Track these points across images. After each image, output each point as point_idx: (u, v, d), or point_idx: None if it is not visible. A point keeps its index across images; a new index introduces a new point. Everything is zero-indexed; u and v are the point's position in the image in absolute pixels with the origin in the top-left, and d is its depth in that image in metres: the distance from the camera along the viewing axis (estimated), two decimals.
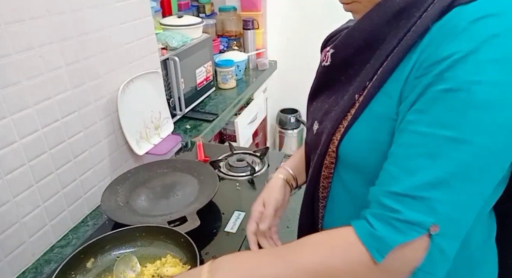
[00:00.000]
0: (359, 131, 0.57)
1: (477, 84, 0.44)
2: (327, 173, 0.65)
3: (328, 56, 0.64)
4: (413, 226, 0.46)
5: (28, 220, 0.95)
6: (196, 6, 2.30)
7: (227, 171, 1.20)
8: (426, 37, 0.49)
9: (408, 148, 0.48)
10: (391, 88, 0.53)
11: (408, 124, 0.49)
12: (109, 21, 1.11)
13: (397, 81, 0.52)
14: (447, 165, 0.45)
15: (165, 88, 1.46)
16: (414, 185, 0.46)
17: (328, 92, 0.67)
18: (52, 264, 0.96)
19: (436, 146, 0.46)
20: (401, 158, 0.49)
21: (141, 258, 0.84)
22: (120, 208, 0.98)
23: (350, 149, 0.59)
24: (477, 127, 0.44)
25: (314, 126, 0.69)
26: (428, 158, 0.46)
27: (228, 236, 0.93)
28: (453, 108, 0.45)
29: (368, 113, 0.56)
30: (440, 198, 0.46)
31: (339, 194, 0.66)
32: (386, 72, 0.53)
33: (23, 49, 0.87)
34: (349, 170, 0.62)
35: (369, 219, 0.49)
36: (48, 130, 0.96)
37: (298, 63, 2.64)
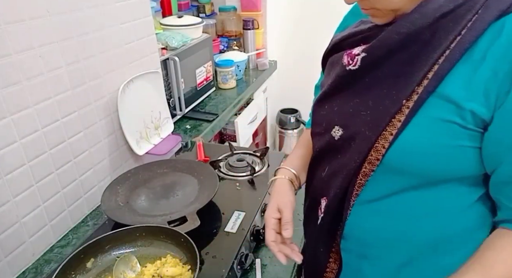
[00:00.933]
0: (412, 137, 0.56)
1: None
2: (363, 181, 0.63)
3: (358, 60, 0.62)
4: None
5: (28, 220, 0.95)
6: (196, 6, 2.30)
7: (227, 171, 1.20)
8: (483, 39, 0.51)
9: None
10: (449, 91, 0.53)
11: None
12: (109, 21, 1.11)
13: (458, 86, 0.52)
14: None
15: (165, 88, 1.46)
16: None
17: (348, 96, 0.65)
18: (52, 264, 0.96)
19: None
20: None
21: (141, 258, 0.84)
22: (120, 208, 0.98)
23: (401, 156, 0.58)
24: None
25: (334, 132, 0.66)
26: None
27: (228, 236, 0.93)
28: None
29: (421, 118, 0.55)
30: None
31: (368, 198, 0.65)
32: (440, 75, 0.53)
33: (23, 49, 0.87)
34: (390, 173, 0.61)
35: None
36: (48, 130, 0.96)
37: (298, 63, 2.64)
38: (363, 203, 0.66)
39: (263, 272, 0.89)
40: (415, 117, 0.56)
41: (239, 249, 0.89)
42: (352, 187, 0.64)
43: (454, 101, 0.53)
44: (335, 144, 0.66)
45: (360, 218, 0.67)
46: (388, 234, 0.67)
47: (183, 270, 0.78)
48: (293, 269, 0.91)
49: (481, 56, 0.51)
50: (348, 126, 0.64)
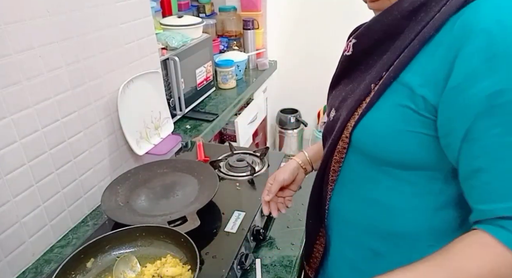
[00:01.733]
0: (373, 119, 0.61)
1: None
2: (338, 158, 0.69)
3: (350, 46, 0.68)
4: None
5: (28, 220, 0.95)
6: (196, 6, 2.30)
7: (227, 171, 1.20)
8: (443, 31, 0.53)
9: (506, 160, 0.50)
10: (408, 78, 0.56)
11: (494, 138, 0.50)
12: (109, 21, 1.11)
13: (419, 76, 0.55)
14: None
15: (165, 88, 1.46)
16: None
17: (347, 81, 0.71)
18: (52, 264, 0.96)
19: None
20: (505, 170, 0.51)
21: (141, 258, 0.84)
22: (120, 208, 0.98)
23: (363, 136, 0.62)
24: None
25: (331, 113, 0.72)
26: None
27: (228, 236, 0.93)
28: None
29: (382, 102, 0.59)
30: None
31: (346, 178, 0.71)
32: (402, 63, 0.57)
33: (23, 49, 0.87)
34: (360, 155, 0.66)
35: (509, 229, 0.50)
36: (48, 130, 0.96)
37: (298, 63, 2.64)
38: (344, 184, 0.72)
39: (263, 272, 0.89)
40: (378, 101, 0.60)
41: (239, 249, 0.89)
42: (330, 164, 0.71)
43: (410, 87, 0.56)
44: (329, 124, 0.72)
45: (342, 198, 0.74)
46: (364, 218, 0.71)
47: (183, 270, 0.78)
48: (293, 269, 0.91)
49: (436, 44, 0.54)
50: (338, 109, 0.70)
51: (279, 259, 0.93)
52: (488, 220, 0.52)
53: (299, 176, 0.91)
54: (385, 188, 0.67)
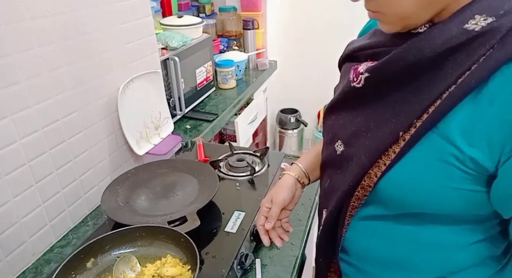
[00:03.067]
0: (404, 172, 0.55)
1: None
2: (357, 204, 0.63)
3: (362, 79, 0.60)
4: None
5: (28, 220, 0.95)
6: (196, 6, 2.30)
7: (227, 171, 1.20)
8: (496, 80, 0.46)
9: None
10: (449, 131, 0.50)
11: None
12: (109, 21, 1.11)
13: (459, 128, 0.49)
14: None
15: (165, 88, 1.46)
16: None
17: (353, 111, 0.64)
18: (52, 264, 0.96)
19: None
20: None
21: (141, 258, 0.84)
22: (120, 208, 0.98)
23: (392, 188, 0.57)
24: None
25: (337, 146, 0.66)
26: None
27: (228, 236, 0.93)
28: None
29: (416, 154, 0.53)
30: None
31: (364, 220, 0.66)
32: (441, 112, 0.50)
33: (23, 49, 0.87)
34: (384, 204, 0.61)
35: None
36: (48, 130, 0.96)
37: (298, 63, 2.64)
38: (360, 219, 0.66)
39: (263, 272, 0.89)
40: (410, 152, 0.54)
41: (239, 249, 0.89)
42: (346, 208, 0.65)
43: (454, 143, 0.49)
44: (336, 158, 0.66)
45: (357, 234, 0.68)
46: (383, 254, 0.67)
47: (183, 270, 0.78)
48: (293, 269, 0.91)
49: (489, 99, 0.46)
50: (349, 144, 0.63)
51: (279, 259, 0.93)
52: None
53: (297, 193, 0.82)
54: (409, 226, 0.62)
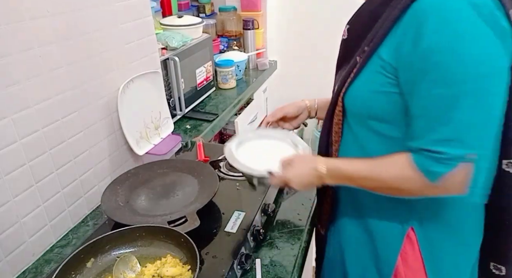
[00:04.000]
0: (358, 85, 0.76)
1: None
2: (337, 120, 0.84)
3: (345, 31, 0.83)
4: (454, 159, 0.67)
5: (28, 220, 0.95)
6: (196, 6, 2.30)
7: (227, 171, 1.20)
8: (407, 13, 0.67)
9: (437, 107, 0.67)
10: (382, 52, 0.72)
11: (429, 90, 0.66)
12: (109, 21, 1.11)
13: (388, 48, 0.71)
14: (465, 110, 0.65)
15: (165, 88, 1.46)
16: (449, 132, 0.66)
17: (346, 62, 0.82)
18: (52, 264, 0.96)
19: (450, 100, 0.65)
20: (434, 115, 0.67)
21: (141, 258, 0.84)
22: (120, 208, 0.98)
23: (351, 99, 0.79)
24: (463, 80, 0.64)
25: (334, 88, 0.85)
26: (449, 110, 0.65)
27: (228, 236, 0.93)
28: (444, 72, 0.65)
29: (365, 71, 0.75)
30: (473, 134, 0.66)
31: (348, 139, 0.85)
32: (378, 39, 0.71)
33: (23, 49, 0.87)
34: (353, 116, 0.81)
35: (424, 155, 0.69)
36: (48, 130, 0.96)
37: (298, 63, 2.63)
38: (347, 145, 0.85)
39: (263, 272, 0.89)
40: (362, 71, 0.75)
41: (239, 249, 0.89)
42: (331, 127, 0.86)
43: (382, 57, 0.72)
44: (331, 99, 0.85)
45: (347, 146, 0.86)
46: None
47: (183, 270, 0.78)
48: (293, 269, 0.91)
49: (401, 24, 0.69)
50: (336, 84, 0.85)
51: (279, 259, 0.93)
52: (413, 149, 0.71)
53: (302, 115, 1.08)
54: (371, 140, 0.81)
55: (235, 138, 1.00)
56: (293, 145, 0.98)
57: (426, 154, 0.68)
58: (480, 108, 0.65)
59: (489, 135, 0.68)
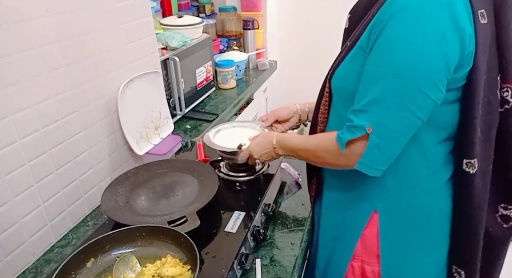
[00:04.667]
0: (344, 66, 0.81)
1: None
2: (324, 101, 0.90)
3: (347, 20, 0.87)
4: (357, 128, 0.75)
5: (28, 220, 0.95)
6: (196, 6, 2.30)
7: (227, 171, 1.20)
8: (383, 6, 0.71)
9: (363, 81, 0.76)
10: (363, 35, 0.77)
11: (368, 65, 0.74)
12: (109, 21, 1.11)
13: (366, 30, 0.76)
14: (379, 88, 0.72)
15: (165, 88, 1.46)
16: (362, 103, 0.75)
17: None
18: (52, 264, 0.96)
19: (374, 77, 0.73)
20: (361, 87, 0.76)
21: (141, 258, 0.84)
22: (120, 208, 0.98)
23: (336, 80, 0.84)
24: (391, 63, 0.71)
25: None
26: (370, 85, 0.73)
27: (228, 236, 0.93)
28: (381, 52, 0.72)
29: (350, 54, 0.79)
30: (375, 109, 0.73)
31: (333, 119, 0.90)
32: (363, 27, 0.76)
33: (23, 49, 0.87)
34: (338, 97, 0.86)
35: (344, 129, 0.78)
36: (48, 130, 0.96)
37: (298, 63, 2.63)
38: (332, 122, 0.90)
39: (263, 272, 0.89)
40: (348, 55, 0.80)
41: (239, 249, 0.89)
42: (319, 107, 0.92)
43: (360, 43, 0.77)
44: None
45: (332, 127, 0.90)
46: None
47: (183, 270, 0.78)
48: (293, 269, 0.91)
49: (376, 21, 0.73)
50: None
51: (279, 259, 0.93)
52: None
53: (293, 119, 1.16)
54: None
55: (213, 128, 1.22)
56: (261, 130, 1.17)
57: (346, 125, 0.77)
58: (395, 93, 0.71)
59: (395, 121, 0.73)
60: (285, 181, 1.25)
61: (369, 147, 0.75)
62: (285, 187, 1.23)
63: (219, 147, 1.11)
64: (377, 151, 0.75)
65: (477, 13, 0.69)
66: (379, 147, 0.74)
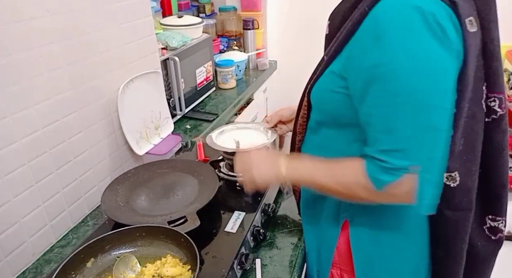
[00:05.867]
0: (321, 82, 0.78)
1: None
2: (302, 113, 0.87)
3: (327, 27, 0.85)
4: (398, 170, 0.68)
5: (28, 220, 0.95)
6: (196, 6, 2.30)
7: (227, 171, 1.20)
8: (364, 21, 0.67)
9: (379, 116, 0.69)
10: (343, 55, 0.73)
11: (373, 100, 0.68)
12: (109, 21, 1.11)
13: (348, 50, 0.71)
14: (406, 122, 0.66)
15: (165, 88, 1.46)
16: (391, 142, 0.68)
17: None
18: (52, 264, 0.96)
19: (393, 111, 0.67)
20: (378, 125, 0.69)
21: (141, 258, 0.84)
22: (120, 208, 0.98)
23: (313, 95, 0.81)
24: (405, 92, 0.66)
25: None
26: (392, 120, 0.67)
27: (228, 236, 0.93)
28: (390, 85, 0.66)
29: (328, 71, 0.76)
30: (412, 146, 0.67)
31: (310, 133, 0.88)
32: (342, 41, 0.72)
33: (23, 49, 0.87)
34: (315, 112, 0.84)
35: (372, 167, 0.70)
36: (48, 130, 0.96)
37: (298, 63, 2.63)
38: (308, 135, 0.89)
39: (263, 272, 0.89)
40: (326, 70, 0.77)
41: (239, 249, 0.89)
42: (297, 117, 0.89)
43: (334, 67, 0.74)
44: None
45: (308, 146, 0.90)
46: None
47: (183, 270, 0.78)
48: (293, 269, 0.91)
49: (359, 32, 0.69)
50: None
51: (279, 259, 0.93)
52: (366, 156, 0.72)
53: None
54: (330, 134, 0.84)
55: (216, 129, 1.21)
56: (265, 132, 1.18)
57: (375, 162, 0.69)
58: (420, 120, 0.66)
59: (433, 147, 0.68)
60: None
61: (423, 184, 0.68)
62: (285, 187, 1.23)
63: (220, 147, 1.12)
64: (433, 185, 0.70)
65: (465, 21, 0.66)
66: (430, 180, 0.69)
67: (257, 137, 1.18)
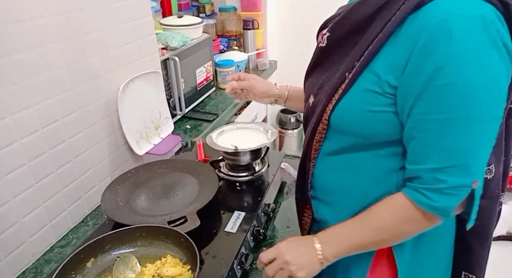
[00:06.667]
0: (347, 103, 0.71)
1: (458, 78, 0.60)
2: (319, 138, 0.79)
3: (325, 38, 0.77)
4: (461, 188, 0.64)
5: (28, 220, 0.95)
6: (196, 6, 2.30)
7: (227, 171, 1.20)
8: (404, 26, 0.63)
9: (430, 132, 0.63)
10: (376, 67, 0.66)
11: (424, 115, 0.63)
12: (109, 21, 1.11)
13: (383, 63, 0.66)
14: (462, 137, 0.62)
15: (165, 88, 1.46)
16: (449, 159, 0.63)
17: (322, 70, 0.80)
18: (52, 264, 0.96)
19: (449, 126, 0.62)
20: (431, 140, 0.64)
21: (141, 258, 0.84)
22: (120, 208, 0.98)
23: (339, 117, 0.73)
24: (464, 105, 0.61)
25: (310, 99, 0.81)
26: (447, 135, 0.62)
27: (228, 236, 0.93)
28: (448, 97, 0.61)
29: (355, 88, 0.69)
30: (475, 161, 0.63)
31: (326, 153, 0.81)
32: (371, 54, 0.66)
33: (23, 49, 0.87)
34: (338, 134, 0.76)
35: (424, 193, 0.65)
36: (48, 130, 0.96)
37: (298, 63, 2.63)
38: (324, 156, 0.80)
39: None
40: (352, 88, 0.69)
41: (239, 249, 0.89)
42: (311, 142, 0.80)
43: (378, 74, 0.66)
44: (309, 110, 0.81)
45: (323, 170, 0.82)
46: (341, 183, 0.81)
47: (183, 270, 0.78)
48: None
49: (398, 38, 0.64)
50: (316, 95, 0.79)
51: None
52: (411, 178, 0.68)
53: (266, 100, 1.11)
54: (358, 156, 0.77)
55: (216, 129, 1.22)
56: (265, 132, 1.18)
57: (423, 186, 0.65)
58: (480, 133, 0.63)
59: (486, 158, 0.66)
60: (285, 181, 1.25)
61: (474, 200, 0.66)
62: (285, 187, 1.23)
63: (220, 147, 1.13)
64: (478, 199, 0.67)
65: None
66: (480, 192, 0.66)
67: (257, 138, 1.18)
